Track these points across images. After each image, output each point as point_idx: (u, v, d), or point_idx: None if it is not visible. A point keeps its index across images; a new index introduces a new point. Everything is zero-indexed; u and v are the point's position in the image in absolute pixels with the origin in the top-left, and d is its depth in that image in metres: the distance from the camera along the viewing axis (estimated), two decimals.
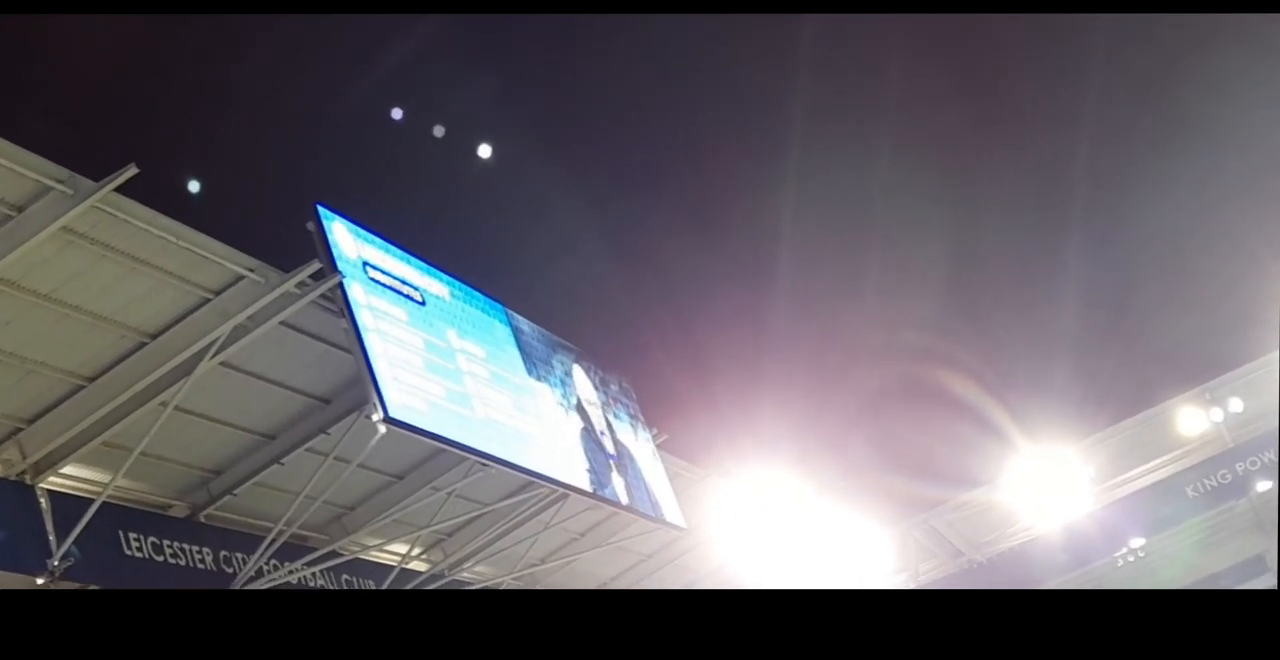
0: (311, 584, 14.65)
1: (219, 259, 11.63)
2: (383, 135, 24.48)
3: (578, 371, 17.73)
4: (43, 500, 11.81)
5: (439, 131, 23.94)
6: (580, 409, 17.18)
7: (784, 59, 25.88)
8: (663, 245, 26.88)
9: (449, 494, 15.51)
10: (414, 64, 23.88)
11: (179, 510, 13.92)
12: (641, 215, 26.81)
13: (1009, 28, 24.88)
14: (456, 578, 17.28)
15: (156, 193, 10.87)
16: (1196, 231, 26.24)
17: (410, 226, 16.56)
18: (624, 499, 17.10)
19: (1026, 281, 28.45)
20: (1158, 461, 26.05)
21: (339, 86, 23.80)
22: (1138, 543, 25.40)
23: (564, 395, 16.88)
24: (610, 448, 17.50)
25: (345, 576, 15.32)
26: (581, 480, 16.03)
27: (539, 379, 16.32)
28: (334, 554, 14.70)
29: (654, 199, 27.19)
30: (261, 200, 20.04)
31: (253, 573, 13.58)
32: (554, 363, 17.06)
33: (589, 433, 17.01)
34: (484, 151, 23.83)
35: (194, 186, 19.96)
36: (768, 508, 21.63)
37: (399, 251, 14.30)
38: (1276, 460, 24.01)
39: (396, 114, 23.73)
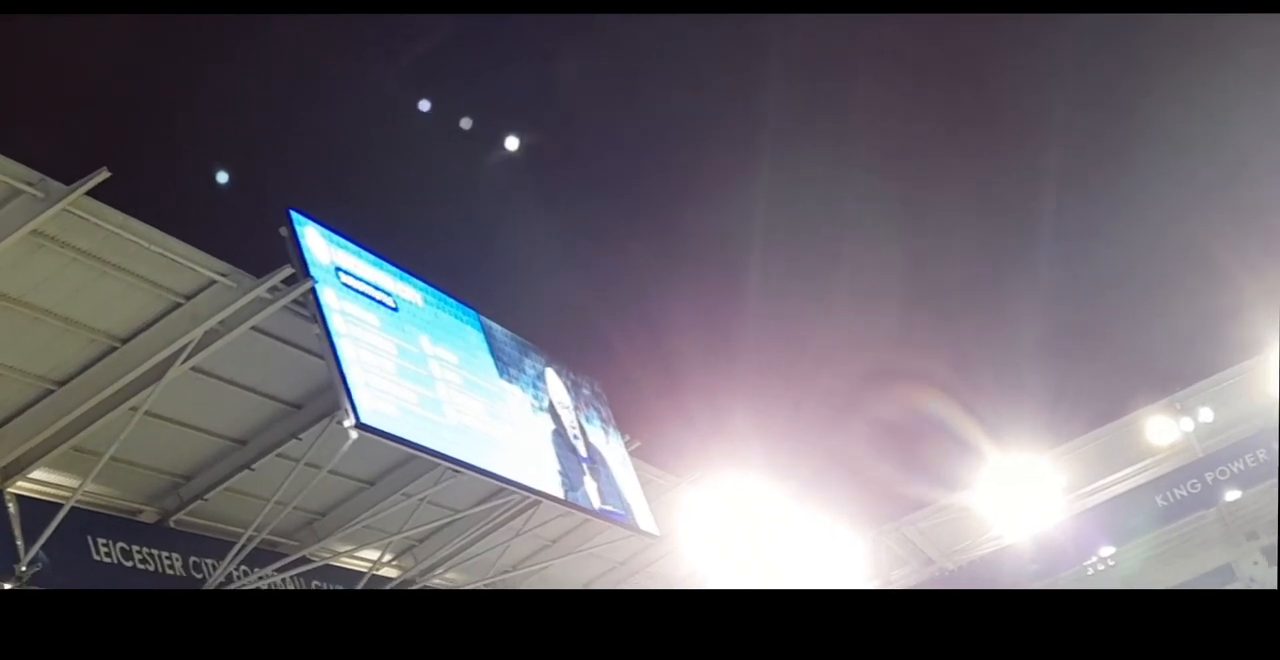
0: (282, 590, 14.58)
1: (191, 263, 11.58)
2: (354, 141, 24.44)
3: (550, 374, 17.73)
4: (11, 505, 11.72)
5: (466, 123, 23.79)
6: (552, 411, 17.18)
7: (751, 63, 25.98)
8: (630, 250, 26.92)
9: (420, 500, 15.47)
10: (383, 69, 23.88)
11: (149, 515, 13.85)
12: (607, 221, 26.85)
13: (977, 36, 25.04)
14: (428, 584, 17.26)
15: (128, 197, 10.83)
16: (1164, 241, 26.46)
17: (380, 232, 16.52)
18: (596, 505, 17.10)
19: (996, 289, 28.62)
20: (1128, 471, 26.25)
21: (313, 91, 23.75)
22: (1108, 551, 25.61)
23: (536, 398, 16.88)
24: (583, 451, 17.50)
25: (316, 582, 15.27)
26: (554, 486, 16.03)
27: (511, 383, 16.32)
28: (304, 560, 14.64)
29: (620, 204, 27.24)
30: (234, 204, 19.99)
31: (223, 578, 13.51)
32: (526, 366, 17.06)
33: (561, 436, 17.01)
34: (511, 144, 23.68)
35: (222, 177, 19.85)
36: (740, 515, 21.70)
37: (372, 257, 14.28)
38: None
39: (424, 105, 23.58)
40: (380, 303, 13.94)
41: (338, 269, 13.35)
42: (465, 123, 24.17)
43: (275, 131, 22.93)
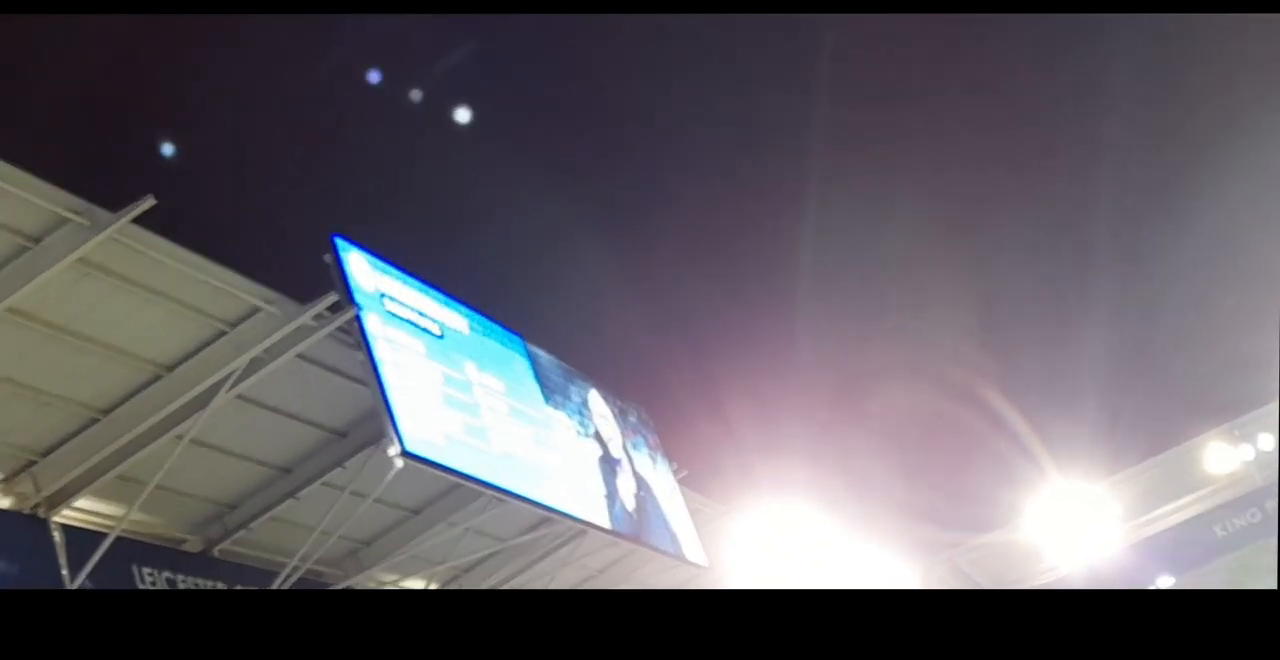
0: None
1: (236, 291, 11.56)
2: (400, 167, 24.50)
3: (596, 401, 17.58)
4: (56, 534, 11.69)
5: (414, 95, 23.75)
6: (599, 440, 17.02)
7: (804, 86, 25.87)
8: (679, 277, 26.81)
9: (466, 529, 15.37)
10: (428, 84, 23.93)
11: (193, 545, 13.79)
12: (658, 246, 26.77)
13: (1033, 59, 24.84)
14: None
15: (174, 224, 10.81)
16: (1222, 266, 26.05)
17: (425, 257, 16.48)
18: (643, 534, 16.91)
19: (1051, 316, 28.25)
20: (1186, 499, 25.80)
21: (358, 115, 23.85)
22: (1166, 582, 25.12)
23: (582, 426, 16.72)
24: (630, 480, 17.31)
25: None
26: (600, 516, 15.84)
27: (557, 410, 16.18)
28: (349, 590, 14.54)
29: (671, 230, 27.15)
30: (279, 231, 20.04)
31: None
32: (571, 394, 16.92)
33: (607, 465, 16.84)
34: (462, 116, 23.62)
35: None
36: (789, 544, 21.43)
37: (417, 283, 14.21)
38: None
39: (374, 77, 23.53)
40: (425, 330, 13.84)
41: (382, 295, 13.27)
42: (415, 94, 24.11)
43: (321, 157, 23.01)
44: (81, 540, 11.79)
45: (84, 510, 12.24)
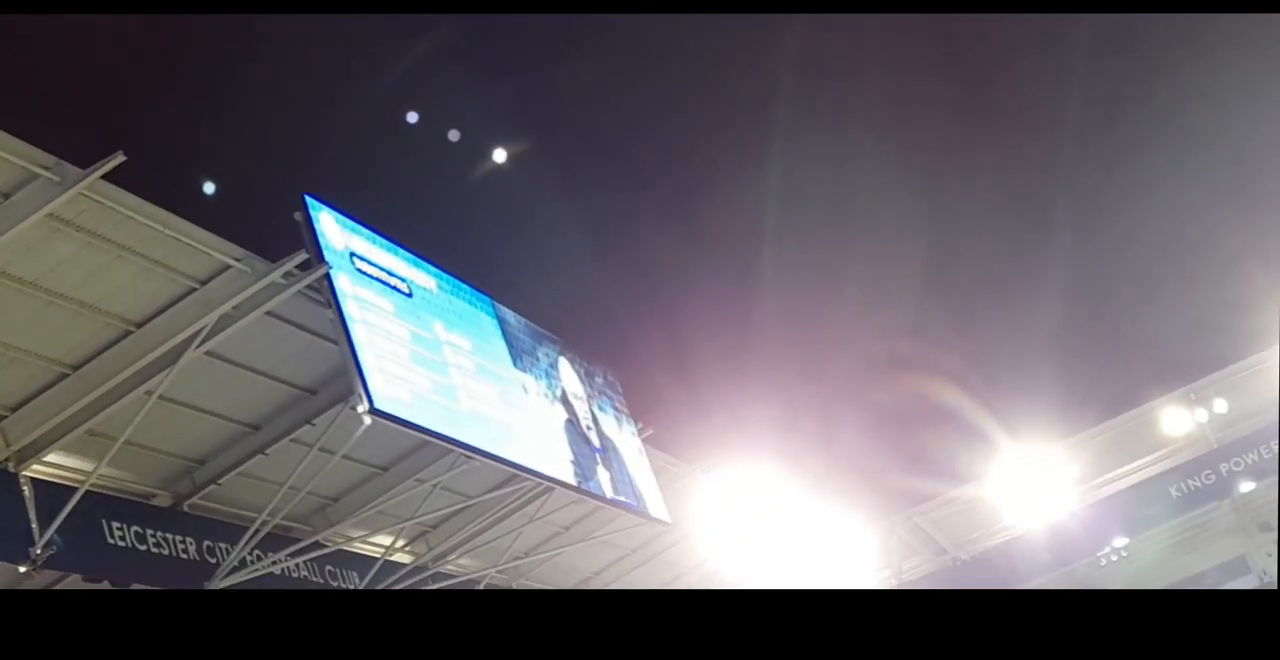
0: (294, 575, 14.63)
1: (206, 248, 11.63)
2: (370, 127, 24.43)
3: (563, 363, 17.73)
4: (26, 488, 11.78)
5: (454, 136, 23.90)
6: (565, 401, 17.18)
7: (767, 57, 25.88)
8: (645, 240, 26.87)
9: (434, 486, 15.51)
10: (400, 58, 23.86)
11: (162, 500, 13.90)
12: (624, 210, 26.78)
13: (992, 29, 24.91)
14: (440, 570, 17.29)
15: (144, 181, 10.85)
16: (1180, 232, 26.28)
17: (395, 220, 16.52)
18: (609, 493, 17.12)
19: (1010, 280, 28.46)
20: (1142, 461, 26.12)
21: (329, 77, 23.75)
22: (1121, 542, 25.49)
23: (549, 387, 16.88)
24: (595, 440, 17.51)
25: (329, 567, 15.31)
26: (566, 474, 16.04)
27: (524, 370, 16.33)
28: (317, 545, 14.70)
29: (637, 194, 27.17)
30: (249, 190, 20.01)
31: (235, 563, 13.55)
32: (539, 354, 17.06)
33: (574, 425, 17.01)
34: (499, 156, 23.78)
35: (209, 188, 19.97)
36: (752, 503, 21.68)
37: (386, 243, 14.29)
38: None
39: (412, 118, 23.66)
40: (394, 288, 13.95)
41: (352, 254, 13.36)
42: (453, 134, 24.24)
43: (291, 119, 22.92)
44: (51, 494, 11.90)
45: (54, 465, 12.33)
